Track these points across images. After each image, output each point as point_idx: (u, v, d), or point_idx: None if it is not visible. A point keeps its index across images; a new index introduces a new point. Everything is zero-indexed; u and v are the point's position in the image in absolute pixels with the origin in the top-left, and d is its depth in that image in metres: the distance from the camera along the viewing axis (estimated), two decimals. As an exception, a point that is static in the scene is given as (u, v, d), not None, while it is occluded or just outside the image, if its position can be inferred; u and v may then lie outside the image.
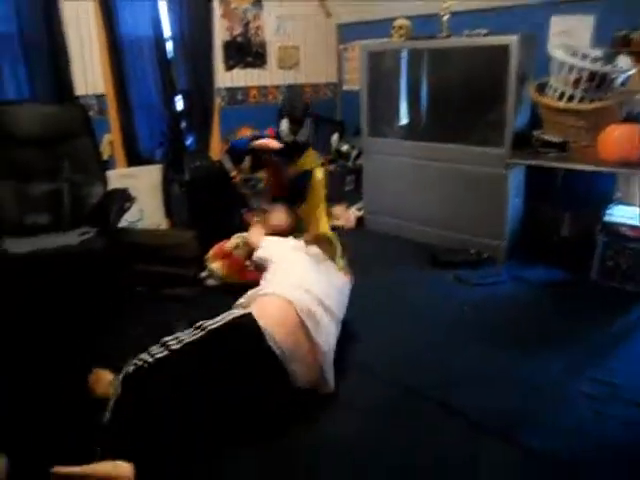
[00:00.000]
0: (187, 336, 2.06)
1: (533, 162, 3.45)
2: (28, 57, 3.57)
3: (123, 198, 3.27)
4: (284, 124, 3.26)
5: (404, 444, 2.06)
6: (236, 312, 2.23)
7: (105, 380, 2.19)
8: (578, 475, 1.91)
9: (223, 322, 2.12)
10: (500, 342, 2.76)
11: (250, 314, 2.16)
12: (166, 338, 2.05)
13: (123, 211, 3.22)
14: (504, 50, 3.40)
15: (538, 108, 3.61)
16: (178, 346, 2.01)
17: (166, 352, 1.99)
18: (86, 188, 3.41)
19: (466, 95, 3.83)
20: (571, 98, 3.30)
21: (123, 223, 3.44)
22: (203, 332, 2.07)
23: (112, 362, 2.24)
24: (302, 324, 2.20)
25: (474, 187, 3.79)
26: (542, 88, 3.49)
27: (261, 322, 2.11)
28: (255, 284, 2.55)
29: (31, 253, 2.81)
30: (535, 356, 2.62)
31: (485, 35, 3.59)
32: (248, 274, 3.34)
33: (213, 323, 2.11)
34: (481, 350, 2.68)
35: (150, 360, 1.96)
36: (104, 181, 3.49)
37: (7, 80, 3.56)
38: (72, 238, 3.06)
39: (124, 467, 1.75)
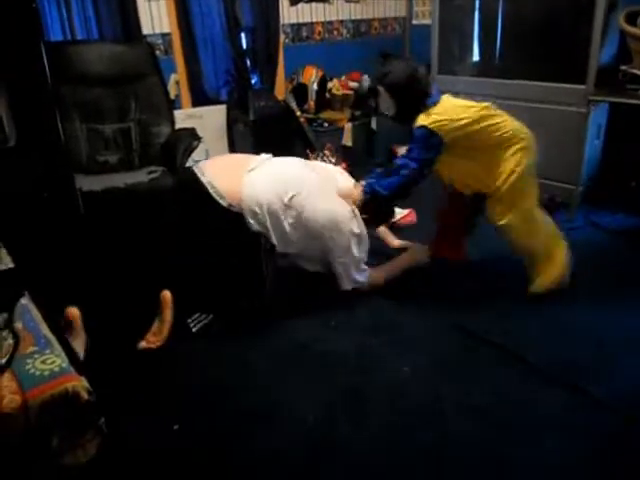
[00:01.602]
0: None
1: (619, 99, 3.19)
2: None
3: (190, 137, 3.30)
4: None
5: (461, 386, 2.06)
6: None
7: None
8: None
9: None
10: (571, 290, 2.64)
11: None
12: None
13: (190, 150, 3.25)
14: (593, -24, 3.10)
15: (627, 40, 3.30)
16: None
17: None
18: (154, 128, 3.47)
19: (546, 26, 3.54)
20: (667, 28, 3.00)
21: (189, 163, 3.48)
22: None
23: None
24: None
25: (550, 127, 3.56)
26: (633, 17, 3.18)
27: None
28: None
29: (104, 190, 2.91)
30: (608, 306, 2.51)
31: (571, -41, 3.28)
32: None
33: None
34: (548, 298, 2.58)
35: None
36: (172, 121, 3.54)
37: (76, 20, 3.60)
38: (141, 176, 3.13)
39: None
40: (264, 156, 2.61)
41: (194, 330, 2.40)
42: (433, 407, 1.97)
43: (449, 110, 2.42)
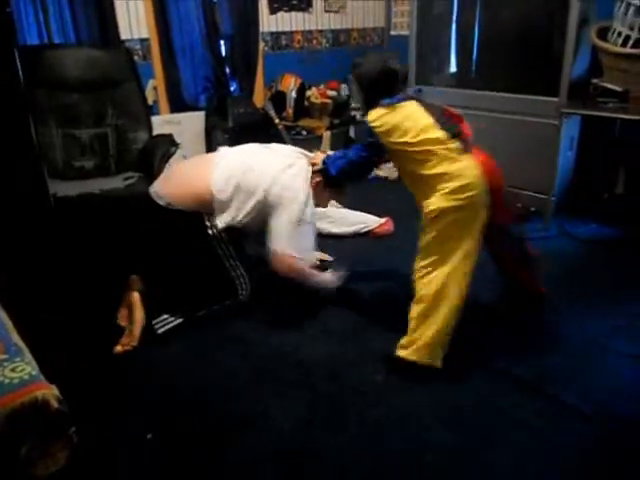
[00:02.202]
0: None
1: (591, 112, 3.27)
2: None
3: (168, 144, 3.28)
4: None
5: (435, 393, 2.08)
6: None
7: None
8: (611, 432, 1.88)
9: None
10: (546, 298, 2.69)
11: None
12: None
13: (168, 157, 3.24)
14: (565, -9, 3.18)
15: (598, 54, 3.38)
16: None
17: None
18: (131, 133, 3.44)
19: (520, 41, 3.62)
20: (637, 43, 3.08)
21: (167, 169, 3.47)
22: None
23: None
24: None
25: (524, 139, 3.64)
26: (604, 32, 3.26)
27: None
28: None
29: (79, 196, 2.88)
30: (580, 314, 2.56)
31: (545, -26, 3.37)
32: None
33: None
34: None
35: None
36: (149, 127, 3.52)
37: (52, 24, 3.57)
38: (118, 182, 3.11)
39: None
40: (221, 152, 2.67)
41: (159, 332, 2.39)
42: (410, 414, 1.98)
43: (400, 120, 2.20)
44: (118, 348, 2.30)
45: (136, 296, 2.41)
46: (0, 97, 1.59)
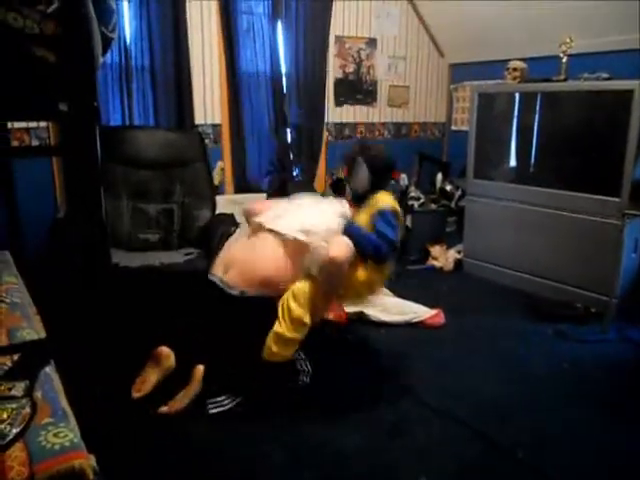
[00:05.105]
0: None
1: (654, 215, 3.19)
2: (156, 87, 3.89)
3: (228, 223, 3.41)
4: None
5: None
6: None
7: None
8: None
9: None
10: (601, 407, 2.53)
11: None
12: None
13: (227, 236, 3.35)
14: (627, 95, 3.21)
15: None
16: None
17: None
18: (196, 211, 3.61)
19: (581, 141, 3.65)
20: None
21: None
22: None
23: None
24: None
25: (585, 237, 3.57)
26: (668, 137, 3.24)
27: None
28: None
29: (140, 268, 3.00)
30: (634, 425, 2.38)
31: (606, 79, 3.42)
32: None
33: None
34: (579, 413, 2.48)
35: None
36: (213, 206, 3.68)
37: (135, 108, 3.89)
38: (178, 257, 3.23)
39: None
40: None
41: (211, 412, 2.39)
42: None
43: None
44: (164, 409, 2.36)
45: (200, 370, 2.49)
46: (81, 172, 1.75)
